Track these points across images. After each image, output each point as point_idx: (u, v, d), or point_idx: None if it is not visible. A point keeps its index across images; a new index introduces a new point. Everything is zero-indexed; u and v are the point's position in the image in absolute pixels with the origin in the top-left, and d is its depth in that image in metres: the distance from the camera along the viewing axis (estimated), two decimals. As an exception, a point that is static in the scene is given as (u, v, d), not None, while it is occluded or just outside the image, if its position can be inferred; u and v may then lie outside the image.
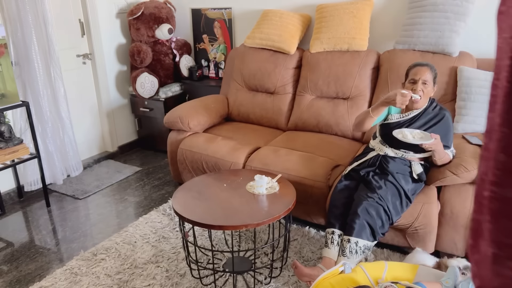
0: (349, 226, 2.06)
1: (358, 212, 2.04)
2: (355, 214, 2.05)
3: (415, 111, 2.19)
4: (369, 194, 2.07)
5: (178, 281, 2.18)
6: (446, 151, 2.16)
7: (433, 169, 2.22)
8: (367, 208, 2.04)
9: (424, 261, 1.97)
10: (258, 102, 3.27)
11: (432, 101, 2.22)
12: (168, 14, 3.76)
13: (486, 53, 2.73)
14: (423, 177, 2.18)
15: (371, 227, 2.04)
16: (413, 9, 2.78)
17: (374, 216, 2.03)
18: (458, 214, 2.13)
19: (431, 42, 2.65)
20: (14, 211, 3.04)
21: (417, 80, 2.12)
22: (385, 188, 2.09)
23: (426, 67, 2.13)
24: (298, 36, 3.18)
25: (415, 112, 2.19)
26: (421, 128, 2.16)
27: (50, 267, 2.38)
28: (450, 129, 2.18)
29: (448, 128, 2.17)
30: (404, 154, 2.21)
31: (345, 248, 2.05)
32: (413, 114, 2.19)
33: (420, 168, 2.18)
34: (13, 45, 2.97)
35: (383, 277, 1.77)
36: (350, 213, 2.09)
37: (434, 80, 2.15)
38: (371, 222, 2.03)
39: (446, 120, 2.16)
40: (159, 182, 3.41)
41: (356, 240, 2.03)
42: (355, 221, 2.04)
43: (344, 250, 2.05)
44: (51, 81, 3.19)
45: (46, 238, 2.68)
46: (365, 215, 2.03)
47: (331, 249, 2.10)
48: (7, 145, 2.80)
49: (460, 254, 2.20)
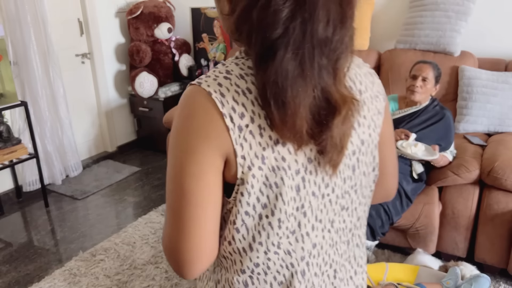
0: None
1: None
2: None
3: (414, 107, 2.19)
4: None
5: (178, 282, 2.17)
6: (444, 154, 2.15)
7: (434, 170, 2.20)
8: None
9: (425, 262, 1.96)
10: (258, 102, 3.26)
11: (433, 100, 2.21)
12: (168, 13, 3.74)
13: (488, 53, 2.72)
14: (423, 177, 2.18)
15: (371, 227, 2.03)
16: (414, 8, 2.77)
17: (374, 216, 2.03)
18: (460, 215, 2.12)
19: (432, 42, 2.64)
20: (12, 212, 3.02)
21: (418, 76, 2.15)
22: None
23: (428, 64, 2.17)
24: (298, 35, 3.16)
25: (414, 109, 2.19)
26: (420, 125, 2.16)
27: (49, 267, 2.37)
28: (450, 129, 2.17)
29: (449, 128, 2.16)
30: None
31: None
32: (413, 110, 2.19)
33: (421, 167, 2.17)
34: (12, 45, 2.96)
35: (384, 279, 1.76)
36: None
37: (436, 79, 2.16)
38: (370, 222, 2.03)
39: (446, 119, 2.16)
40: (159, 182, 3.39)
41: None
42: None
43: None
44: (50, 81, 3.17)
45: (45, 238, 2.67)
46: None
47: None
48: (5, 145, 2.78)
49: (461, 254, 2.19)
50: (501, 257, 2.07)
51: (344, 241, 0.75)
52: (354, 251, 0.78)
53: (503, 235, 2.04)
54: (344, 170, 0.69)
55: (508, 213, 2.01)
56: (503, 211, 2.02)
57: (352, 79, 0.70)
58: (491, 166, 2.02)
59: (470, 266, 1.88)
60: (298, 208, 0.66)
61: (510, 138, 2.28)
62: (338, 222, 0.72)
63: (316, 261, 0.71)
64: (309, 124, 0.60)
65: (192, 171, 0.61)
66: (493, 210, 2.05)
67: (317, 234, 0.69)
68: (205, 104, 0.61)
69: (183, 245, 0.64)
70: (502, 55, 2.67)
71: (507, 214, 2.01)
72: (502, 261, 2.08)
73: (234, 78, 0.62)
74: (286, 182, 0.63)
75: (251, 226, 0.65)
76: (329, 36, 0.59)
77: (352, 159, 0.69)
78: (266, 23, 0.57)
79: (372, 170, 0.75)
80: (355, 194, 0.73)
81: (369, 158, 0.73)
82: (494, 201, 2.05)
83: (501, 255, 2.07)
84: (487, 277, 1.75)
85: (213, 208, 0.64)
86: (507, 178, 1.98)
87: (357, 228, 0.77)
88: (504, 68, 2.57)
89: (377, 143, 0.74)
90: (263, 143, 0.62)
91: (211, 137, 0.60)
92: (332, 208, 0.70)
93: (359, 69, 0.72)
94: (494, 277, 2.14)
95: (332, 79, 0.61)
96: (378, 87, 0.75)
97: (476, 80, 2.46)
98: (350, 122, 0.64)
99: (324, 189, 0.68)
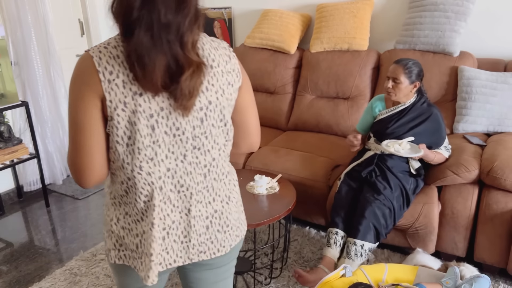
0: (354, 229, 2.05)
1: (366, 215, 2.03)
2: (362, 217, 2.04)
3: (400, 105, 2.20)
4: (376, 196, 2.07)
5: (178, 281, 2.18)
6: (438, 150, 2.17)
7: (433, 169, 2.21)
8: (375, 210, 2.03)
9: (425, 262, 1.97)
10: (258, 102, 3.27)
11: (420, 97, 2.21)
12: (168, 14, 3.75)
13: (487, 53, 2.73)
14: (421, 172, 2.19)
15: (377, 230, 2.04)
16: (414, 9, 2.77)
17: (380, 218, 2.03)
18: (459, 214, 2.12)
19: (432, 42, 2.65)
20: (13, 211, 3.03)
21: (389, 77, 2.17)
22: (390, 188, 2.09)
23: (398, 65, 2.15)
24: (298, 36, 3.17)
25: (401, 107, 2.20)
26: (410, 123, 2.17)
27: (49, 267, 2.38)
28: (439, 125, 2.17)
29: (438, 125, 2.16)
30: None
31: (350, 250, 2.04)
32: (401, 108, 2.21)
33: (417, 163, 2.19)
34: (13, 45, 2.97)
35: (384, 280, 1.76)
36: (357, 215, 2.08)
37: (413, 77, 2.12)
38: (377, 224, 2.03)
39: (434, 116, 2.16)
40: (159, 182, 3.40)
41: (362, 243, 2.02)
42: (362, 223, 2.03)
43: (349, 253, 2.04)
44: (50, 81, 3.18)
45: (46, 238, 2.68)
46: (372, 218, 2.03)
47: (333, 249, 2.10)
48: (6, 145, 2.79)
49: (460, 254, 2.20)
50: (501, 257, 2.08)
51: (200, 173, 1.03)
52: (212, 184, 1.07)
53: (502, 235, 2.04)
54: (193, 120, 0.97)
55: (507, 213, 2.02)
56: (502, 211, 2.03)
57: (205, 55, 0.96)
58: (490, 166, 2.03)
59: (471, 267, 1.88)
60: (154, 142, 0.95)
61: (509, 138, 2.29)
62: (190, 157, 1.00)
63: (171, 181, 1.00)
64: (163, 79, 0.88)
65: (80, 108, 0.90)
66: (492, 210, 2.05)
67: (171, 162, 0.98)
68: (88, 63, 0.90)
69: (78, 161, 0.94)
70: (502, 55, 2.68)
71: (506, 214, 2.02)
72: (502, 261, 2.09)
73: (110, 48, 0.91)
74: (142, 121, 0.92)
75: (122, 151, 0.95)
76: (170, 20, 0.86)
77: (200, 113, 0.97)
78: (125, 11, 0.85)
79: (224, 125, 1.03)
80: (206, 139, 1.01)
81: (217, 115, 1.00)
82: (493, 201, 2.06)
83: (500, 254, 2.08)
84: (487, 277, 1.75)
85: (96, 134, 0.93)
86: (506, 178, 1.98)
87: (214, 166, 1.05)
88: (504, 68, 2.57)
89: (230, 106, 1.03)
90: (125, 93, 0.90)
91: (91, 85, 0.89)
92: (183, 146, 0.98)
93: (216, 51, 0.99)
94: (493, 277, 2.15)
95: (180, 49, 0.88)
96: (232, 66, 1.02)
97: (475, 80, 2.47)
98: (198, 78, 0.91)
99: (175, 130, 0.96)
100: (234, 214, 1.13)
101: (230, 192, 1.12)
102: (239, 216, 1.16)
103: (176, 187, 1.01)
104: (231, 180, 1.13)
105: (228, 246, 1.13)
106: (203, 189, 1.05)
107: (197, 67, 0.91)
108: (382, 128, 2.25)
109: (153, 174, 0.97)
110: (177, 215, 1.03)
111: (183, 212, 1.03)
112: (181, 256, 1.06)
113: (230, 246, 1.13)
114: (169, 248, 1.03)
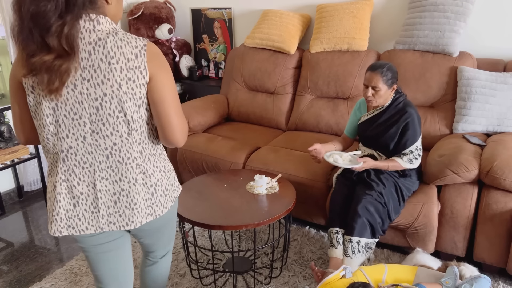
0: (349, 226, 2.06)
1: (358, 211, 2.04)
2: (355, 213, 2.05)
3: (378, 108, 2.21)
4: (368, 192, 2.08)
5: (178, 281, 2.18)
6: (397, 159, 2.14)
7: (433, 169, 2.21)
8: (366, 205, 2.04)
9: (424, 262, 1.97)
10: (258, 102, 3.27)
11: (398, 97, 2.18)
12: (168, 14, 3.75)
13: (486, 53, 2.73)
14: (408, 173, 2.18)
15: (371, 225, 2.05)
16: (413, 9, 2.78)
17: (373, 213, 2.04)
18: (458, 214, 2.13)
19: (431, 42, 2.65)
20: (14, 211, 3.04)
21: (368, 86, 2.13)
22: (383, 185, 2.10)
23: (375, 73, 2.09)
24: (298, 36, 3.17)
25: (378, 110, 2.21)
26: (382, 125, 2.17)
27: (50, 267, 2.38)
28: (412, 127, 2.11)
29: (408, 125, 2.11)
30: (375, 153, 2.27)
31: (347, 248, 2.04)
32: (378, 111, 2.21)
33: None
34: (13, 45, 2.97)
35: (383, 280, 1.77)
36: (350, 212, 2.09)
37: (390, 81, 2.10)
38: (371, 219, 2.04)
39: (407, 116, 2.11)
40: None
41: (358, 240, 2.03)
42: (356, 220, 2.04)
43: (347, 251, 2.05)
44: (51, 81, 3.19)
45: (46, 238, 2.68)
46: (364, 213, 2.03)
47: (338, 249, 2.10)
48: (7, 145, 2.80)
49: (460, 254, 2.20)
50: (500, 257, 2.08)
51: (102, 154, 1.18)
52: (117, 165, 1.20)
53: (502, 235, 2.05)
54: (89, 108, 1.13)
55: (506, 212, 2.02)
56: (501, 211, 2.03)
57: (104, 52, 1.09)
58: (490, 166, 2.03)
59: (471, 267, 1.88)
60: (57, 121, 1.15)
61: (509, 138, 2.29)
62: (90, 139, 1.16)
63: (75, 157, 1.19)
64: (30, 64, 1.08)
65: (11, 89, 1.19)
66: (492, 210, 2.06)
67: (72, 141, 1.17)
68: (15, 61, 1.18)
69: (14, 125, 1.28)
70: (501, 55, 2.69)
71: (505, 213, 2.02)
72: (501, 261, 2.09)
73: None
74: (44, 104, 1.12)
75: (36, 124, 1.19)
76: (40, 12, 1.01)
77: (95, 103, 1.12)
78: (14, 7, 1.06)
79: (124, 115, 1.15)
80: (103, 126, 1.15)
81: (115, 106, 1.13)
82: (493, 201, 2.06)
83: (500, 254, 2.08)
84: (488, 278, 1.75)
85: (17, 107, 1.22)
86: (506, 178, 1.99)
87: (116, 150, 1.19)
88: (503, 68, 2.58)
89: (134, 100, 1.14)
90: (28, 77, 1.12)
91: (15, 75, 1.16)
92: (82, 129, 1.15)
93: (118, 49, 1.10)
94: (493, 277, 2.15)
95: (56, 39, 1.03)
96: (138, 63, 1.12)
97: (475, 80, 2.47)
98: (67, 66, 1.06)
99: (73, 115, 1.13)
100: (145, 195, 1.25)
101: (137, 175, 1.23)
102: (155, 198, 1.28)
103: (80, 163, 1.19)
104: (141, 165, 1.23)
105: (138, 222, 1.26)
106: (107, 168, 1.20)
107: (61, 55, 1.05)
108: (363, 130, 2.30)
109: (58, 147, 1.18)
110: (85, 188, 1.21)
111: (90, 186, 1.21)
112: (92, 225, 1.24)
113: (141, 223, 1.26)
114: (80, 215, 1.22)
